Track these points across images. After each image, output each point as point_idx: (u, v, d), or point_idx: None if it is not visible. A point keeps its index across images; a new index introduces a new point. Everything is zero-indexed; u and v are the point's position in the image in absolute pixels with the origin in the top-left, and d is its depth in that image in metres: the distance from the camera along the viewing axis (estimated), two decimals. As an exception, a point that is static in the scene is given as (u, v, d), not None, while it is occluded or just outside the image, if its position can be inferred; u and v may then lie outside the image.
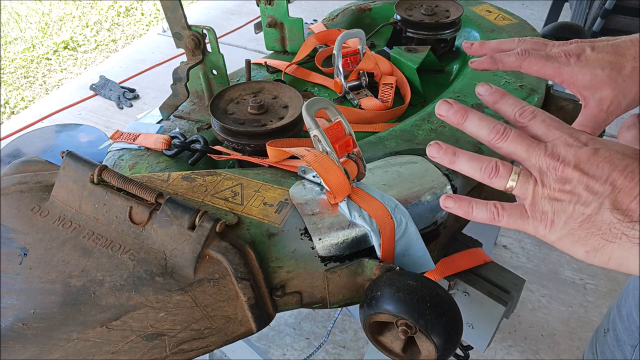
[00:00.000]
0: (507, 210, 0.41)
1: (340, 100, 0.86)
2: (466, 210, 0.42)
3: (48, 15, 3.38)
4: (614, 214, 0.35)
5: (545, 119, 0.40)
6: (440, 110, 0.42)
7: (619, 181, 0.35)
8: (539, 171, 0.38)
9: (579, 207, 0.36)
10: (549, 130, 0.39)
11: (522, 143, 0.39)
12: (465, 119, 0.42)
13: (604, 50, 0.48)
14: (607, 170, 0.35)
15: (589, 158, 0.36)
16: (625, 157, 0.36)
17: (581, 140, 0.38)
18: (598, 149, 0.37)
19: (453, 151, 0.42)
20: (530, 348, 1.34)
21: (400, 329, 0.49)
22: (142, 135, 0.72)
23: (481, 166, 0.41)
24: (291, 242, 0.53)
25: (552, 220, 0.38)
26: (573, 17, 1.87)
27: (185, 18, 0.75)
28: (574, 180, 0.36)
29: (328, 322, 1.42)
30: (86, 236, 0.54)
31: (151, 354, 0.51)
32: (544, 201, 0.38)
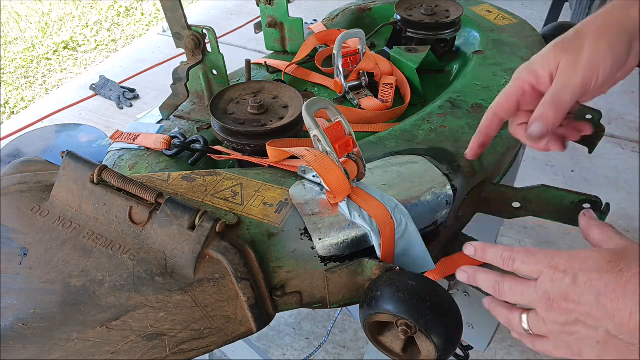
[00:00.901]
0: (542, 348, 0.44)
1: (340, 100, 0.86)
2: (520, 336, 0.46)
3: (48, 15, 3.38)
4: (623, 340, 0.37)
5: (524, 259, 0.44)
6: (460, 276, 0.50)
7: (609, 304, 0.37)
8: (543, 311, 0.42)
9: (590, 333, 0.39)
10: (531, 267, 0.43)
11: (516, 291, 0.44)
12: (475, 279, 0.49)
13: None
14: (593, 296, 0.38)
15: (573, 289, 0.39)
16: (602, 274, 0.38)
17: (560, 269, 0.40)
18: (576, 275, 0.39)
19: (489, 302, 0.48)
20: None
21: (400, 329, 0.49)
22: (142, 135, 0.72)
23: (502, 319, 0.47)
24: (291, 242, 0.53)
25: (579, 350, 0.40)
26: (573, 17, 1.87)
27: (185, 18, 0.75)
28: (572, 312, 0.39)
29: (328, 322, 1.42)
30: (86, 236, 0.54)
31: (151, 354, 0.51)
32: (562, 336, 0.41)
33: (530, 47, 0.89)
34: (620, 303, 0.36)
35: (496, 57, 0.86)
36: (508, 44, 0.90)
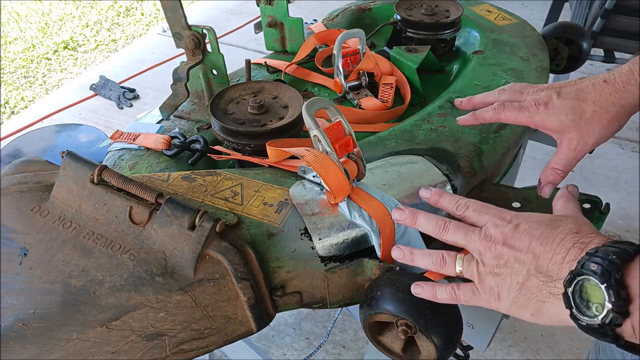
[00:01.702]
0: (462, 290, 0.46)
1: (340, 100, 0.86)
2: (432, 294, 0.47)
3: (48, 15, 3.38)
4: (538, 278, 0.41)
5: (477, 207, 0.47)
6: (395, 215, 0.52)
7: (537, 248, 0.41)
8: (479, 253, 0.45)
9: (514, 277, 0.42)
10: (480, 215, 0.46)
11: (460, 232, 0.46)
12: (415, 220, 0.50)
13: (568, 97, 0.54)
14: (527, 240, 0.42)
15: (513, 233, 0.43)
16: (540, 225, 0.42)
17: (506, 219, 0.45)
18: (519, 224, 0.43)
19: (410, 250, 0.50)
20: (530, 348, 1.33)
21: (400, 329, 0.49)
22: (142, 135, 0.72)
23: (432, 259, 0.48)
24: (291, 242, 0.53)
25: (498, 293, 0.43)
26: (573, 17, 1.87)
27: (185, 18, 0.75)
28: (505, 255, 0.43)
29: (328, 322, 1.42)
30: (86, 236, 0.54)
31: (151, 354, 0.51)
32: (488, 278, 0.44)
33: (530, 47, 0.89)
34: (546, 247, 0.41)
35: (496, 57, 0.86)
36: (508, 44, 0.90)
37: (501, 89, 0.60)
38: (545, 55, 0.87)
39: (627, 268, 0.35)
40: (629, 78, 0.51)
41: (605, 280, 0.35)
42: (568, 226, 0.42)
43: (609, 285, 0.35)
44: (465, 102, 0.64)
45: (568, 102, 0.53)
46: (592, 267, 0.36)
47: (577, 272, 0.37)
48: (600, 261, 0.36)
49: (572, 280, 0.37)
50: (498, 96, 0.59)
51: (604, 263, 0.35)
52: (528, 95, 0.56)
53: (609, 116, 0.53)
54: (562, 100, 0.53)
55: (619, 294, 0.35)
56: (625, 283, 0.35)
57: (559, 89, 0.54)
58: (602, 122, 0.53)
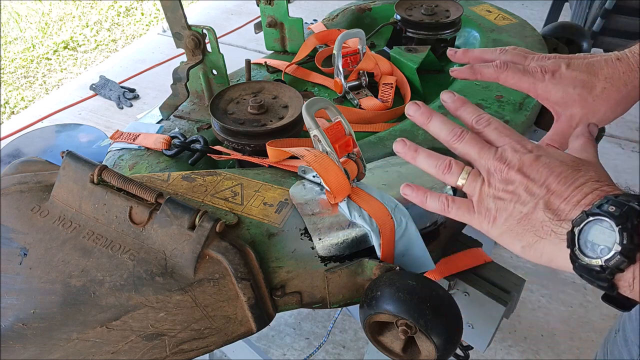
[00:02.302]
0: (457, 204, 0.44)
1: (340, 100, 0.86)
2: (421, 199, 0.46)
3: (48, 15, 3.38)
4: (546, 213, 0.39)
5: (499, 126, 0.44)
6: (409, 110, 0.47)
7: (553, 185, 0.39)
8: (487, 172, 0.42)
9: (518, 206, 0.40)
10: (500, 136, 0.43)
11: (475, 146, 0.43)
12: (429, 120, 0.46)
13: (577, 69, 0.50)
14: (545, 174, 0.40)
15: (531, 163, 0.41)
16: (562, 164, 0.40)
17: (527, 147, 0.42)
18: (540, 156, 0.41)
19: (415, 148, 0.46)
20: (530, 348, 1.33)
21: (400, 329, 0.49)
22: (142, 135, 0.72)
23: (437, 163, 0.45)
24: (291, 242, 0.53)
25: (495, 217, 0.41)
26: (573, 17, 1.87)
27: (185, 18, 0.75)
28: (516, 181, 0.40)
29: (328, 322, 1.42)
30: (86, 236, 0.54)
31: (151, 354, 0.51)
32: (489, 199, 0.42)
33: (530, 47, 0.89)
34: (564, 187, 0.39)
35: (496, 57, 0.86)
36: (508, 44, 0.90)
37: (502, 48, 0.56)
38: (545, 55, 0.87)
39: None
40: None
41: (621, 223, 0.34)
42: (590, 173, 0.40)
43: (624, 227, 0.34)
44: (460, 53, 0.59)
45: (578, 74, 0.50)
46: (610, 209, 0.35)
47: (591, 212, 0.36)
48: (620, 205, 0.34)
49: (583, 220, 0.36)
50: (499, 55, 0.55)
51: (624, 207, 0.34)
52: (533, 60, 0.53)
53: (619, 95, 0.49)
54: (571, 72, 0.50)
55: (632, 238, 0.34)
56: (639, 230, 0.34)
57: (569, 59, 0.51)
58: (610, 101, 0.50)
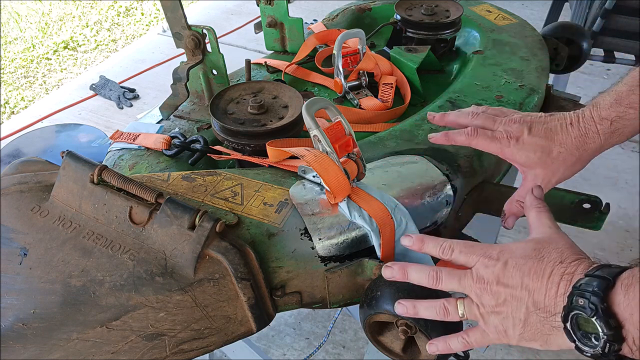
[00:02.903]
0: (471, 335, 0.47)
1: (340, 100, 0.86)
2: (446, 347, 0.48)
3: (48, 15, 3.38)
4: (538, 314, 0.42)
5: (462, 249, 0.47)
6: (386, 274, 0.50)
7: (530, 284, 0.42)
8: (476, 296, 0.45)
9: (515, 313, 0.43)
10: (468, 257, 0.46)
11: (454, 280, 0.46)
12: (407, 275, 0.49)
13: (537, 135, 0.56)
14: (519, 277, 0.43)
15: (503, 272, 0.43)
16: (527, 260, 0.43)
17: (493, 257, 0.45)
18: (507, 261, 0.44)
19: (412, 304, 0.48)
20: (530, 348, 1.33)
21: (400, 329, 0.49)
22: (142, 135, 0.72)
23: (436, 310, 0.48)
24: (291, 242, 0.53)
25: (505, 330, 0.44)
26: (573, 17, 1.87)
27: (185, 18, 0.75)
28: (502, 294, 0.43)
29: (328, 322, 1.42)
30: (86, 236, 0.54)
31: (151, 354, 0.51)
32: (491, 317, 0.45)
33: (530, 47, 0.89)
34: (538, 283, 0.42)
35: (496, 57, 0.86)
36: (508, 44, 0.90)
37: (474, 112, 0.61)
38: (545, 55, 0.87)
39: (610, 295, 0.37)
40: (590, 125, 0.55)
41: (594, 314, 0.36)
42: (552, 256, 0.43)
43: (598, 317, 0.36)
44: (437, 118, 0.64)
45: (537, 140, 0.56)
46: (580, 303, 0.37)
47: (569, 307, 0.39)
48: (587, 295, 0.37)
49: (568, 316, 0.39)
50: (471, 120, 0.61)
51: (589, 297, 0.37)
52: (501, 125, 0.58)
53: (573, 158, 0.56)
54: (532, 137, 0.56)
55: (609, 324, 0.36)
56: (612, 311, 0.37)
57: (530, 124, 0.57)
58: (566, 163, 0.56)
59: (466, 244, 0.47)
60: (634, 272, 0.37)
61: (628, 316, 0.36)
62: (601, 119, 0.55)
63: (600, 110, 0.55)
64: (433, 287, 0.48)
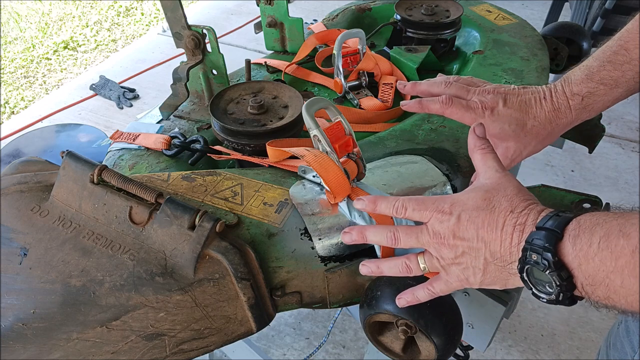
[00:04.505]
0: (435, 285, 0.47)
1: (340, 100, 0.86)
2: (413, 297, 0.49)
3: (48, 15, 3.38)
4: (496, 263, 0.43)
5: (414, 206, 0.47)
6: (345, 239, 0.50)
7: (485, 236, 0.43)
8: (435, 250, 0.46)
9: (474, 263, 0.44)
10: (421, 213, 0.46)
11: (412, 236, 0.47)
12: (365, 237, 0.49)
13: (512, 107, 0.56)
14: (473, 230, 0.43)
15: (458, 226, 0.44)
16: (479, 212, 0.43)
17: (445, 211, 0.45)
18: (459, 215, 0.44)
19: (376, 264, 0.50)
20: (530, 348, 1.34)
21: (400, 329, 0.49)
22: (142, 135, 0.72)
23: (399, 267, 0.49)
24: (291, 242, 0.53)
25: (466, 278, 0.45)
26: (573, 17, 1.87)
27: (185, 18, 0.75)
28: (459, 247, 0.44)
29: (328, 322, 1.42)
30: (86, 236, 0.54)
31: (151, 354, 0.51)
32: (452, 268, 0.46)
33: (530, 47, 0.89)
34: (493, 234, 0.42)
35: (496, 57, 0.86)
36: (508, 44, 0.90)
37: (447, 81, 0.60)
38: (545, 55, 0.87)
39: (560, 247, 0.38)
40: (562, 100, 0.55)
41: (546, 268, 0.38)
42: (502, 205, 0.43)
43: (551, 271, 0.38)
44: (409, 87, 0.63)
45: (512, 112, 0.56)
46: (534, 258, 0.39)
47: (523, 262, 0.40)
48: (538, 249, 0.38)
49: (523, 269, 0.40)
50: (444, 89, 0.60)
51: (541, 252, 0.38)
52: (474, 95, 0.58)
53: (545, 132, 0.56)
54: (507, 109, 0.56)
55: (561, 276, 0.38)
56: (563, 262, 0.38)
57: (505, 95, 0.56)
58: (538, 137, 0.56)
59: (417, 199, 0.47)
60: (580, 221, 0.38)
61: (576, 266, 0.37)
62: (573, 95, 0.55)
63: (572, 86, 0.55)
64: (394, 246, 0.48)
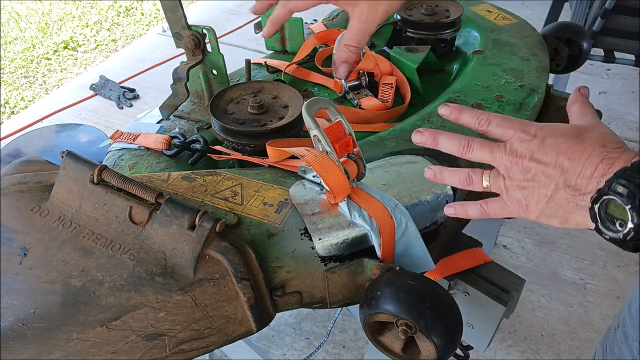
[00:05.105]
0: (490, 205, 0.48)
1: (340, 100, 0.86)
2: (463, 212, 0.50)
3: (48, 15, 3.38)
4: (567, 191, 0.42)
5: (499, 122, 0.47)
6: (416, 138, 0.51)
7: (565, 163, 0.42)
8: (505, 168, 0.45)
9: (542, 190, 0.43)
10: (504, 131, 0.46)
11: (485, 149, 0.47)
12: (437, 141, 0.50)
13: None
14: (554, 155, 0.42)
15: (539, 148, 0.43)
16: (567, 139, 0.43)
17: (530, 132, 0.44)
18: (544, 138, 0.43)
19: (440, 170, 0.50)
20: (530, 348, 1.34)
21: (400, 329, 0.49)
22: (142, 135, 0.72)
23: (459, 178, 0.49)
24: (291, 242, 0.53)
25: (526, 205, 0.45)
26: (573, 16, 1.87)
27: (185, 18, 0.75)
28: (532, 169, 0.43)
29: (328, 322, 1.42)
30: (86, 236, 0.54)
31: (151, 354, 0.51)
32: (515, 191, 0.45)
33: (530, 47, 0.89)
34: (574, 162, 0.42)
35: (496, 57, 0.86)
36: (508, 43, 0.90)
37: None
38: (545, 55, 0.87)
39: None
40: None
41: (630, 202, 0.37)
42: (594, 138, 0.42)
43: (633, 207, 0.37)
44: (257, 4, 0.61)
45: None
46: (619, 190, 0.37)
47: (604, 192, 0.38)
48: (627, 184, 0.37)
49: (599, 199, 0.39)
50: None
51: (631, 186, 0.37)
52: None
53: None
54: None
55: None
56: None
57: None
58: None
59: (504, 117, 0.47)
60: None
61: None
62: None
63: None
64: (463, 156, 0.48)
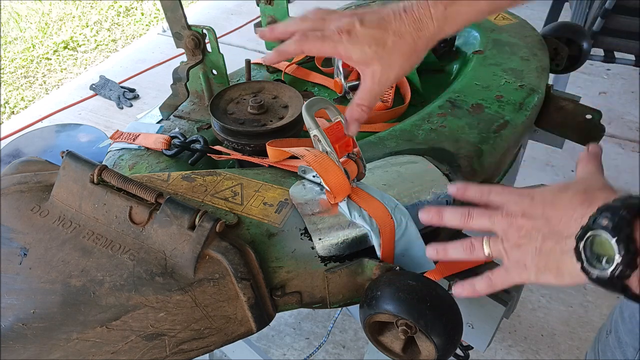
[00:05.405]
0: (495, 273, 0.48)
1: (340, 100, 0.86)
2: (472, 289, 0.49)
3: (48, 15, 3.38)
4: (552, 239, 0.42)
5: (498, 190, 0.49)
6: (423, 217, 0.52)
7: (549, 213, 0.42)
8: (502, 231, 0.46)
9: (532, 243, 0.43)
10: (501, 196, 0.48)
11: (484, 215, 0.48)
12: (442, 218, 0.51)
13: (370, 26, 0.51)
14: (541, 208, 0.43)
15: (530, 205, 0.44)
16: (553, 192, 0.44)
17: (524, 194, 0.45)
18: (534, 196, 0.45)
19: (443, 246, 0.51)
20: (530, 348, 1.33)
21: (400, 329, 0.49)
22: (142, 135, 0.72)
23: (462, 247, 0.49)
24: (291, 242, 0.53)
25: (525, 263, 0.44)
26: (573, 16, 1.87)
27: (185, 18, 0.75)
28: (524, 226, 0.44)
29: (328, 322, 1.42)
30: (86, 236, 0.54)
31: (151, 354, 0.51)
32: (513, 251, 0.45)
33: (530, 47, 0.89)
34: (556, 210, 0.42)
35: (496, 57, 0.86)
36: (508, 43, 0.90)
37: (304, 16, 0.55)
38: (545, 55, 0.87)
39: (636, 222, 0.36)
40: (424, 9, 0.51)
41: (616, 234, 0.36)
42: (577, 187, 0.43)
43: (619, 239, 0.36)
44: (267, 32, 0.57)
45: (371, 32, 0.51)
46: (604, 223, 0.37)
47: (588, 227, 0.38)
48: (611, 216, 0.37)
49: (584, 235, 0.38)
50: (300, 24, 0.54)
51: (615, 218, 0.36)
52: (331, 22, 0.53)
53: (409, 48, 0.52)
54: (365, 29, 0.51)
55: (629, 248, 0.36)
56: (634, 237, 0.36)
57: (362, 15, 0.52)
58: (403, 55, 0.52)
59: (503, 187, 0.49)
60: None
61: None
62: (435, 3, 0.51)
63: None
64: (465, 226, 0.49)
